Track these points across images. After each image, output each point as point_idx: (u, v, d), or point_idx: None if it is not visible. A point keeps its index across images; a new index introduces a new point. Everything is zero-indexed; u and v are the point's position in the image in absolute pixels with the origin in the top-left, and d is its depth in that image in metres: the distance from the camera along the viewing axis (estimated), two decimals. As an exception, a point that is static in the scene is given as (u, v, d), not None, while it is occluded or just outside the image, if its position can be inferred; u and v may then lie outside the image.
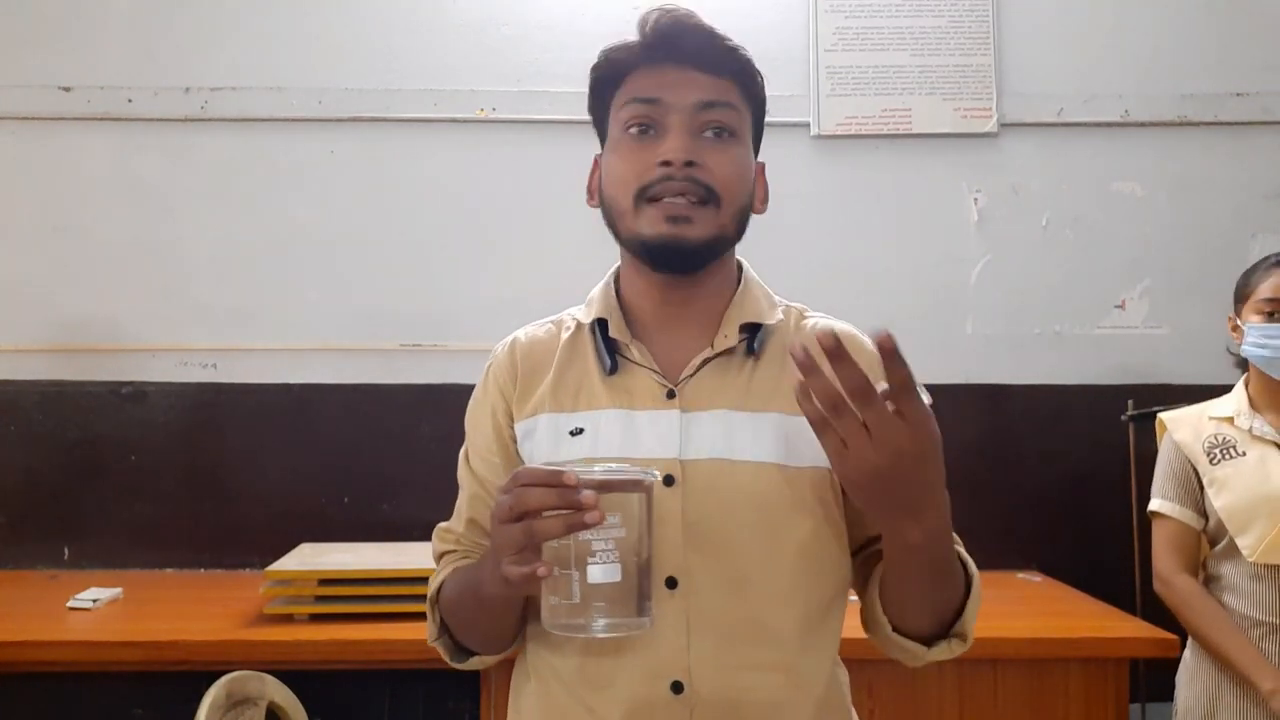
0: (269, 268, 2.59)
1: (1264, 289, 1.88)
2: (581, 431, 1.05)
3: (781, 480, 1.02)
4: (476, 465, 1.12)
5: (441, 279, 2.60)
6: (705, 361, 1.06)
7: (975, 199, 2.67)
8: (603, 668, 1.00)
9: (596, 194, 1.13)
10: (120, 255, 2.57)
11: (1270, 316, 1.85)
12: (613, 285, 1.14)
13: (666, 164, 1.01)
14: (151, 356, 2.56)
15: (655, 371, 1.06)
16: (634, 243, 1.05)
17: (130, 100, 2.57)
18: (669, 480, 1.01)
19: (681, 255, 1.03)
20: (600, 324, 1.10)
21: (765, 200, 1.13)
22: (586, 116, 1.18)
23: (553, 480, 0.83)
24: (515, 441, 1.10)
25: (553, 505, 0.83)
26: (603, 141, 1.14)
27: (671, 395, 1.05)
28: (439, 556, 1.13)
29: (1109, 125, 2.67)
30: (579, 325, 1.13)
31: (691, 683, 0.99)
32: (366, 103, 2.60)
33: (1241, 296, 1.93)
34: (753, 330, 1.08)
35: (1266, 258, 1.93)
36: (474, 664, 1.11)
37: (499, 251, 2.61)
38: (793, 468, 1.02)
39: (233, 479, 2.54)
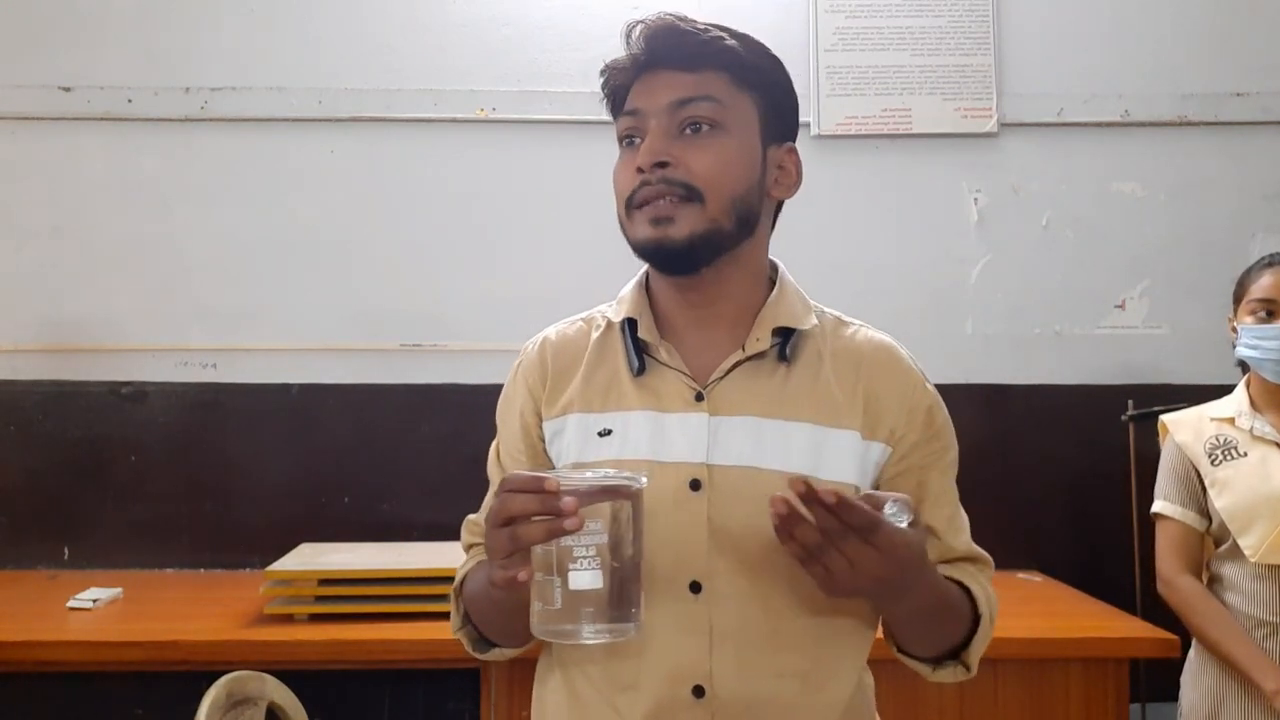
0: (269, 268, 2.59)
1: (1255, 289, 1.88)
2: (610, 433, 1.04)
3: None
4: (505, 462, 1.13)
5: (441, 279, 2.60)
6: (736, 364, 1.05)
7: (975, 199, 2.67)
8: (626, 669, 1.01)
9: None
10: (120, 255, 2.57)
11: (1260, 317, 1.85)
12: (644, 284, 1.13)
13: (640, 170, 1.01)
14: (151, 356, 2.56)
15: (684, 373, 1.05)
16: (634, 249, 1.05)
17: (130, 100, 2.57)
18: (695, 485, 1.01)
19: (670, 255, 1.02)
20: (629, 323, 1.09)
21: (795, 184, 1.10)
22: (586, 117, 1.18)
23: (534, 486, 0.84)
24: (544, 441, 1.10)
25: (535, 511, 0.83)
26: None
27: (700, 398, 1.04)
28: (467, 548, 1.14)
29: (1109, 125, 2.67)
30: (609, 324, 1.11)
31: (713, 687, 0.99)
32: (366, 103, 2.60)
33: (1237, 297, 1.93)
34: (785, 335, 1.06)
35: (1261, 258, 1.92)
36: (495, 655, 1.12)
37: (499, 251, 2.61)
38: (823, 480, 1.00)
39: (233, 479, 2.54)
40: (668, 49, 1.03)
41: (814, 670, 1.02)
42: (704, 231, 1.00)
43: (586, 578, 0.84)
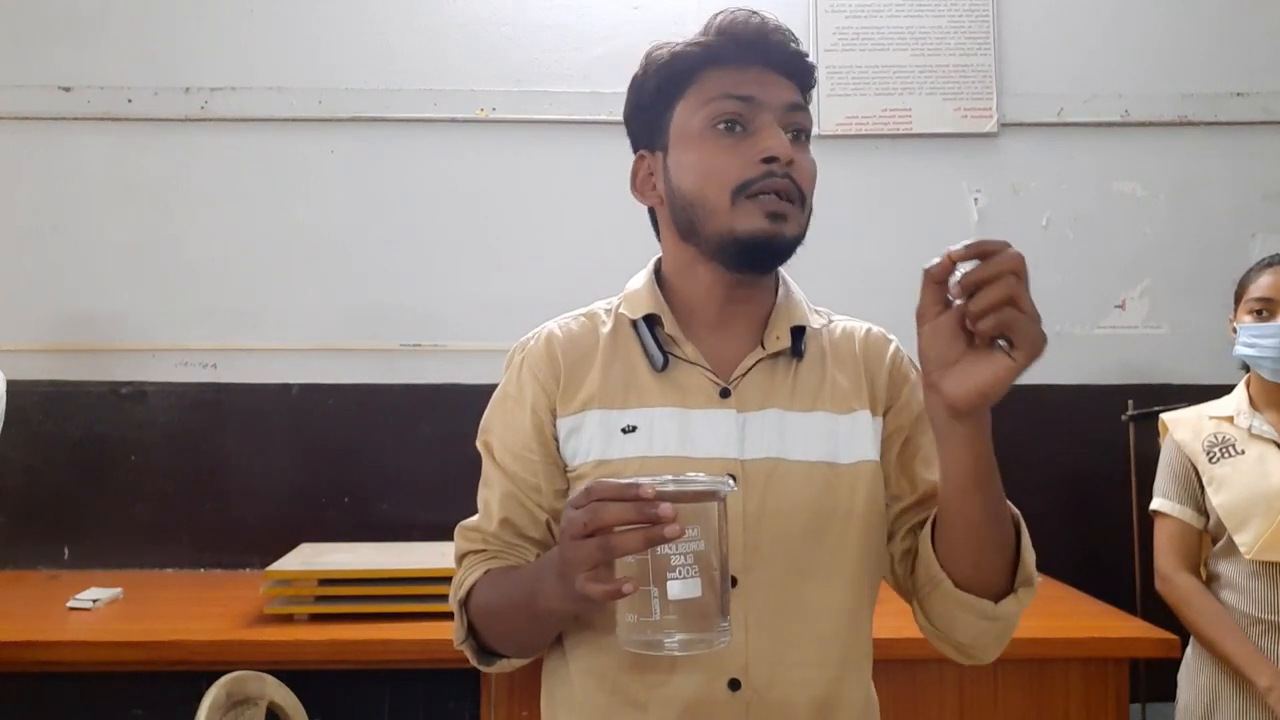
0: (269, 268, 2.59)
1: (1254, 289, 1.90)
2: (635, 429, 1.04)
3: (833, 477, 1.04)
4: (508, 462, 1.08)
5: (441, 279, 2.60)
6: (756, 361, 1.07)
7: (975, 199, 2.67)
8: (659, 665, 1.00)
9: (654, 191, 1.09)
10: (120, 255, 2.57)
11: (1259, 315, 1.87)
12: (655, 280, 1.12)
13: (771, 160, 1.01)
14: (151, 356, 2.56)
15: (708, 370, 1.06)
16: (724, 239, 1.02)
17: (130, 100, 2.57)
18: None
19: (775, 253, 1.03)
20: (647, 320, 1.09)
21: None
22: (586, 116, 1.17)
23: (629, 494, 0.80)
24: (556, 440, 1.07)
25: (631, 520, 0.80)
26: (646, 140, 1.10)
27: (725, 394, 1.05)
28: (462, 556, 1.10)
29: (1109, 125, 2.67)
30: (619, 319, 1.11)
31: (749, 680, 1.00)
32: (366, 103, 2.60)
33: (1237, 297, 1.95)
34: (797, 333, 1.09)
35: (1262, 259, 1.94)
36: (501, 666, 1.09)
37: (499, 251, 2.61)
38: (842, 465, 1.04)
39: (233, 479, 2.54)
40: (779, 50, 1.06)
41: (844, 660, 1.03)
42: (799, 236, 1.04)
43: (686, 586, 0.81)
